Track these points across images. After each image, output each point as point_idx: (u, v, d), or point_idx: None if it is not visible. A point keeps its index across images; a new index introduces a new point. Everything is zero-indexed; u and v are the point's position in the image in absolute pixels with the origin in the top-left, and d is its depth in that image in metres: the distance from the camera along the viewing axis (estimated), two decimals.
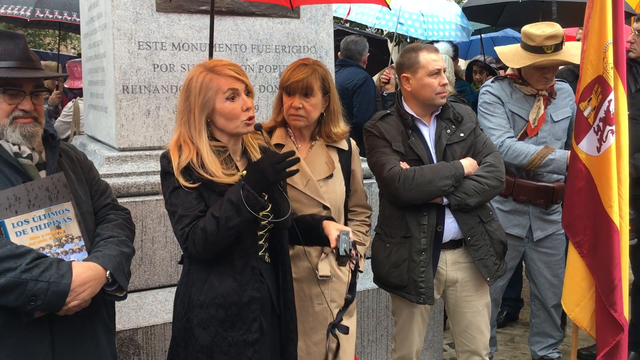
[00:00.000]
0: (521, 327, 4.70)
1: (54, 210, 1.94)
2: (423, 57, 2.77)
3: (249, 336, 2.08)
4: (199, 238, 1.98)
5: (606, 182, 2.86)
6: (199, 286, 2.09)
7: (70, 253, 1.96)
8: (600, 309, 2.94)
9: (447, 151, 2.81)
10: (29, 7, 7.28)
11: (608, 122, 2.85)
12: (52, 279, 1.81)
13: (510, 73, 3.62)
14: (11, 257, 1.79)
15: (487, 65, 7.34)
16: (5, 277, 1.76)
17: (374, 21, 6.03)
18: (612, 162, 2.85)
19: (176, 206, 2.04)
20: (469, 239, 2.80)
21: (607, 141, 2.85)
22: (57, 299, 1.82)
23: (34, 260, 1.82)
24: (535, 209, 3.52)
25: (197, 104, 2.08)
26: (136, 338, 2.95)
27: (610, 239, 2.86)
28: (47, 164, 2.02)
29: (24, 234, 1.88)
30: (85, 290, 1.88)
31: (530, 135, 3.45)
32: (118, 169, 3.35)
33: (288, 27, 3.80)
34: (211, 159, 2.06)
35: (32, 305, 1.79)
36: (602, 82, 2.85)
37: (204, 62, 2.18)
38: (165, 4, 3.44)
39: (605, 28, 2.78)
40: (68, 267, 1.87)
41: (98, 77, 3.87)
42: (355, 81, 5.03)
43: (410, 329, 2.94)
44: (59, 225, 1.95)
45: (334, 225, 2.25)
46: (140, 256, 3.25)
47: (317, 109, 2.57)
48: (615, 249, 2.86)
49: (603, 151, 2.86)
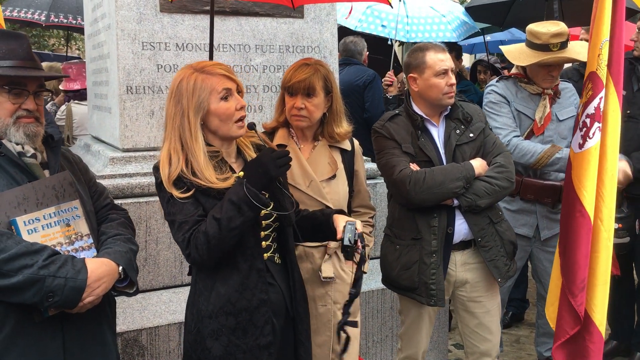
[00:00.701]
0: (526, 327, 4.68)
1: (63, 208, 1.95)
2: (430, 57, 2.74)
3: (262, 340, 2.04)
4: (201, 242, 1.94)
5: (584, 179, 2.72)
6: (206, 295, 2.05)
7: (80, 250, 1.97)
8: (562, 300, 2.83)
9: (456, 152, 2.79)
10: (43, 11, 7.40)
11: (597, 119, 2.74)
12: (69, 275, 1.82)
13: (515, 72, 3.61)
14: (27, 254, 1.79)
15: (491, 65, 7.33)
16: (23, 273, 1.77)
17: (355, 24, 5.99)
18: (593, 161, 2.71)
19: (174, 215, 2.00)
20: (479, 240, 2.78)
21: (594, 138, 2.73)
22: (74, 294, 1.83)
23: (50, 257, 1.82)
24: (542, 208, 3.51)
25: (190, 106, 2.00)
26: (140, 339, 2.94)
27: (582, 237, 2.72)
28: (50, 163, 2.02)
29: (36, 232, 1.88)
30: (100, 286, 1.89)
31: (537, 134, 3.43)
32: (122, 169, 3.34)
33: (292, 27, 3.80)
34: (204, 165, 1.99)
35: (49, 302, 1.79)
36: (594, 79, 2.75)
37: (191, 64, 2.10)
38: (168, 5, 3.44)
39: (602, 25, 2.72)
40: (83, 263, 1.88)
41: (102, 78, 3.87)
42: (365, 77, 5.03)
43: (418, 330, 2.92)
44: (69, 223, 1.96)
45: (343, 217, 2.20)
46: (144, 257, 3.25)
47: (319, 109, 2.56)
48: (583, 249, 2.71)
49: (586, 148, 2.74)
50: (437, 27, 6.14)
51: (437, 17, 6.24)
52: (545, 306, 3.07)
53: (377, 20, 6.06)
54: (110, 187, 3.22)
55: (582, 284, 2.72)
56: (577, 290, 2.72)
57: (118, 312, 3.01)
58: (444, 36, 6.23)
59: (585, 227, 2.71)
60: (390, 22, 6.01)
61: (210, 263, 2.00)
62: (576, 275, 2.73)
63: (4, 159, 1.92)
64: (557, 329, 2.87)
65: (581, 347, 2.77)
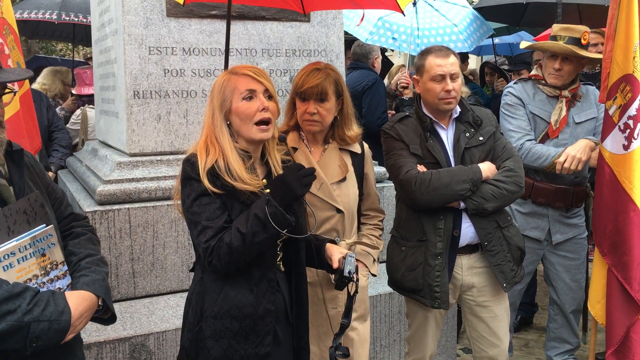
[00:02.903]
0: (535, 331, 4.64)
1: (38, 237, 1.78)
2: (428, 61, 2.74)
3: (261, 349, 2.05)
4: (224, 253, 1.95)
5: (634, 179, 2.80)
6: (213, 296, 2.05)
7: (55, 280, 1.85)
8: (615, 298, 2.91)
9: (465, 155, 2.77)
10: (54, 10, 7.46)
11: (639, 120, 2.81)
12: (52, 317, 1.70)
13: (535, 74, 3.60)
14: (9, 299, 1.64)
15: (497, 67, 7.31)
16: (6, 321, 1.61)
17: (367, 36, 5.98)
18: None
19: (199, 215, 1.99)
20: (485, 244, 2.76)
21: (639, 139, 2.80)
22: (58, 336, 1.72)
23: (33, 299, 1.68)
24: (554, 212, 3.48)
25: (216, 104, 2.09)
26: (148, 344, 2.94)
27: (637, 234, 2.82)
28: (13, 179, 1.82)
29: (11, 267, 1.72)
30: (81, 322, 1.80)
31: (552, 137, 3.41)
32: (129, 174, 3.35)
33: (298, 31, 3.79)
34: (236, 160, 2.03)
35: (33, 347, 1.67)
36: (631, 81, 2.82)
37: (230, 67, 2.21)
38: (175, 9, 3.45)
39: (632, 27, 2.76)
40: (65, 302, 1.75)
41: (109, 83, 3.89)
42: (364, 83, 5.02)
43: (424, 333, 2.91)
44: (44, 253, 1.81)
45: (337, 248, 2.25)
46: (151, 261, 3.25)
47: (331, 113, 2.56)
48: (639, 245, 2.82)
49: (632, 149, 2.82)
50: (449, 38, 6.09)
51: (449, 27, 6.19)
52: (589, 304, 3.15)
53: (387, 33, 6.03)
54: (117, 191, 3.23)
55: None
56: (638, 286, 2.81)
57: (125, 317, 3.03)
58: (455, 47, 6.18)
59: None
60: (402, 35, 5.99)
61: (229, 271, 2.02)
62: (635, 272, 2.81)
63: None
64: (610, 334, 2.92)
65: (629, 341, 2.87)
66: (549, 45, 3.43)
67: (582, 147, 3.27)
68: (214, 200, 2.00)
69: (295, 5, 3.19)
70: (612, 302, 2.93)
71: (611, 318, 2.92)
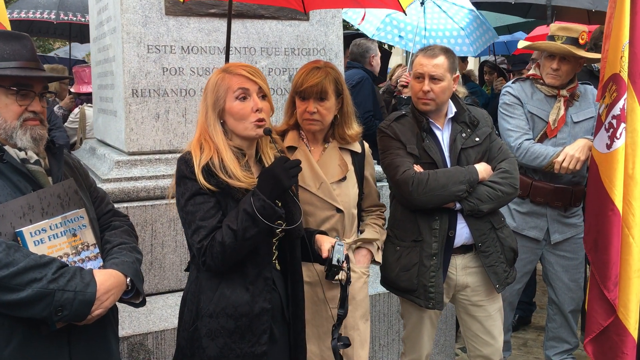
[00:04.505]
0: (534, 331, 4.65)
1: (69, 217, 1.90)
2: (417, 59, 2.79)
3: (258, 348, 2.04)
4: (217, 252, 1.95)
5: (614, 179, 2.79)
6: (209, 295, 2.05)
7: (86, 261, 1.92)
8: (593, 293, 2.92)
9: (461, 155, 2.77)
10: (52, 10, 7.44)
11: (622, 120, 2.80)
12: (78, 288, 1.77)
13: (533, 73, 3.59)
14: (36, 267, 1.73)
15: (496, 66, 7.31)
16: (32, 287, 1.71)
17: (373, 32, 5.97)
18: (621, 160, 2.79)
19: (193, 215, 1.99)
20: (479, 245, 2.76)
21: (621, 138, 2.79)
22: (83, 308, 1.79)
23: (59, 269, 1.77)
24: (553, 212, 3.48)
25: (209, 102, 2.08)
26: (146, 343, 2.93)
27: (614, 234, 2.80)
28: (52, 170, 1.96)
29: (42, 243, 1.83)
30: (108, 299, 1.85)
31: (550, 137, 3.41)
32: (128, 172, 3.34)
33: (297, 30, 3.79)
34: (230, 158, 2.03)
35: (59, 316, 1.75)
36: (618, 80, 2.81)
37: (224, 65, 2.19)
38: (174, 8, 3.43)
39: (622, 27, 2.76)
40: (91, 276, 1.83)
41: (107, 81, 3.87)
42: (350, 82, 4.99)
43: (420, 333, 2.91)
44: (75, 233, 1.91)
45: (327, 238, 2.25)
46: (150, 260, 3.24)
47: (331, 112, 2.55)
48: (615, 245, 2.79)
49: (614, 149, 2.80)
50: (455, 41, 6.07)
51: (455, 30, 6.18)
52: (568, 310, 3.19)
53: (394, 30, 6.01)
54: (115, 190, 3.22)
55: (616, 279, 2.80)
56: (612, 285, 2.81)
57: (124, 316, 3.01)
58: (460, 50, 6.18)
59: (617, 225, 2.80)
60: (408, 34, 5.98)
61: (224, 269, 2.02)
62: (611, 271, 2.80)
63: (6, 166, 1.85)
64: (589, 323, 2.92)
65: (610, 341, 2.85)
66: (546, 46, 3.43)
67: (580, 146, 3.26)
68: (208, 200, 1.99)
69: (295, 4, 3.18)
70: (592, 296, 2.93)
71: (590, 311, 2.93)
